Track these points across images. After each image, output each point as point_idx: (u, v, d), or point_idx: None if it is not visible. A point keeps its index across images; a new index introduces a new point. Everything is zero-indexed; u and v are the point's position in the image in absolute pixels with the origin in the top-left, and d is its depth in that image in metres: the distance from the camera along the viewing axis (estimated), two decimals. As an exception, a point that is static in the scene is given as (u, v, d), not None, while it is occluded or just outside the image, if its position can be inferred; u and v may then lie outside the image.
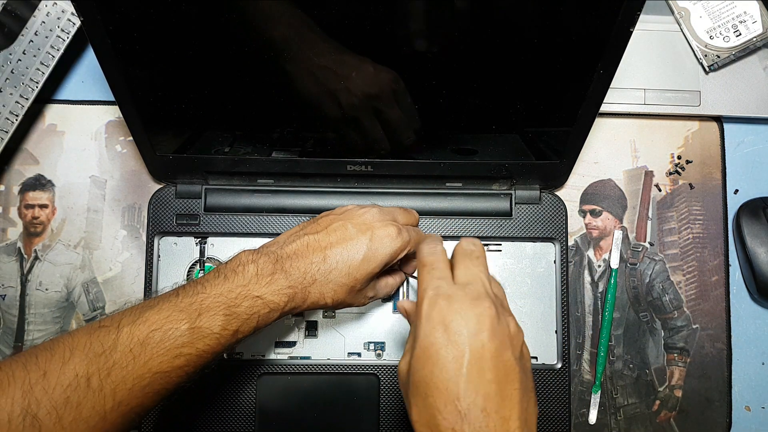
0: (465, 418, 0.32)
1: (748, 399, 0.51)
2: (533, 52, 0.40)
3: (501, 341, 0.34)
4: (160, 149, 0.47)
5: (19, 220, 0.52)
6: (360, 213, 0.43)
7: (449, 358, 0.33)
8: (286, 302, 0.39)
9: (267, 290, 0.39)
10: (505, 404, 0.33)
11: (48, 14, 0.48)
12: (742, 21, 0.51)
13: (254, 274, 0.39)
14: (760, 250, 0.50)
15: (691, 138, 0.53)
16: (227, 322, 0.37)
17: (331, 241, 0.41)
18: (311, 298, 0.40)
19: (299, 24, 0.38)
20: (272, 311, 0.39)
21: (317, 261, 0.40)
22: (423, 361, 0.34)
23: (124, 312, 0.37)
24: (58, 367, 0.33)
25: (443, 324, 0.34)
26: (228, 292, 0.38)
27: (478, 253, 0.39)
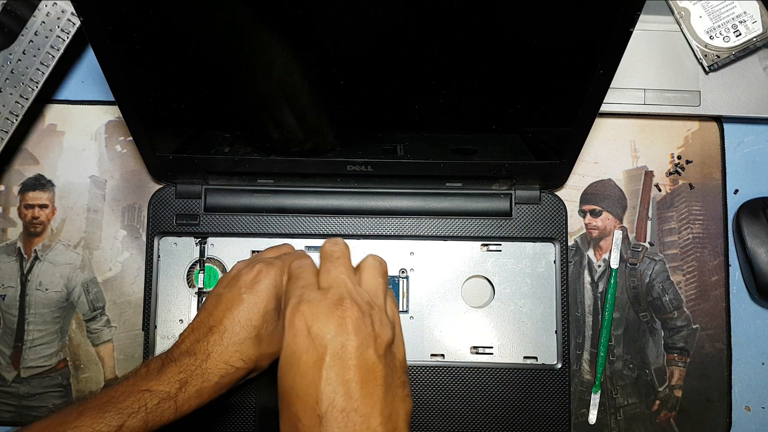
0: (323, 420, 0.32)
1: (748, 399, 0.51)
2: (533, 52, 0.40)
3: (362, 340, 0.34)
4: (160, 149, 0.47)
5: (19, 220, 0.52)
6: (225, 277, 0.43)
7: (309, 363, 0.34)
8: (180, 387, 0.38)
9: (155, 382, 0.37)
10: (366, 402, 0.33)
11: (48, 14, 0.48)
12: (742, 21, 0.51)
13: (144, 373, 0.38)
14: (760, 250, 0.50)
15: (691, 138, 0.53)
16: (110, 419, 0.35)
17: (210, 311, 0.41)
18: (215, 371, 0.39)
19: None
20: (163, 401, 0.37)
21: (203, 337, 0.39)
22: (286, 369, 0.35)
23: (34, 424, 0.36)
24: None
25: (305, 330, 0.35)
26: (113, 392, 0.37)
27: (338, 253, 0.40)
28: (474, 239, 0.51)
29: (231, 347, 0.39)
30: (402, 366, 0.37)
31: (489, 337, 0.50)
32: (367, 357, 0.34)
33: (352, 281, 0.38)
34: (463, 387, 0.49)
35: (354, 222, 0.50)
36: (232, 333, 0.39)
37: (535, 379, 0.49)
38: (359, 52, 0.40)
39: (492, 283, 0.50)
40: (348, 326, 0.35)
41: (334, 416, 0.32)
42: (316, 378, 0.33)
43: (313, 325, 0.35)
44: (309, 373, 0.34)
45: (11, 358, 0.50)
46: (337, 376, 0.33)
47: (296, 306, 0.36)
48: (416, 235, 0.50)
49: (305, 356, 0.34)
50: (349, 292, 0.37)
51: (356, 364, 0.34)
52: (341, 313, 0.35)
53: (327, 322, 0.35)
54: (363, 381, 0.34)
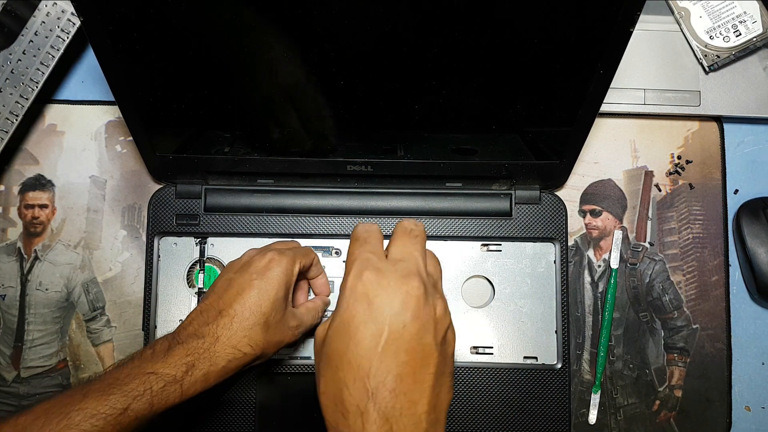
0: (372, 396, 0.32)
1: (748, 399, 0.51)
2: (533, 52, 0.40)
3: (423, 324, 0.33)
4: (160, 149, 0.47)
5: (19, 220, 0.52)
6: (237, 262, 0.43)
7: (367, 334, 0.33)
8: (186, 371, 0.37)
9: (161, 365, 0.37)
10: (416, 388, 0.32)
11: (48, 14, 0.48)
12: (742, 21, 0.51)
13: (150, 355, 0.38)
14: (760, 250, 0.50)
15: (691, 138, 0.53)
16: (115, 401, 0.35)
17: (221, 296, 0.41)
18: (223, 355, 0.39)
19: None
20: (169, 384, 0.37)
21: (212, 320, 0.39)
22: (340, 333, 0.33)
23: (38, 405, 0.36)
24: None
25: (367, 298, 0.34)
26: (118, 374, 0.37)
27: (417, 232, 0.39)
28: (474, 239, 0.51)
29: (240, 332, 0.39)
30: (453, 355, 0.36)
31: (489, 337, 0.50)
32: (425, 342, 0.33)
33: (424, 262, 0.37)
34: (463, 387, 0.49)
35: (354, 222, 0.50)
36: (242, 318, 0.39)
37: (535, 379, 0.49)
38: (359, 51, 0.40)
39: (492, 283, 0.50)
40: (412, 305, 0.33)
41: (383, 395, 0.32)
42: (371, 351, 0.32)
43: (377, 297, 0.34)
44: (365, 345, 0.33)
45: (11, 358, 0.50)
46: (394, 356, 0.32)
47: (361, 271, 0.35)
48: (416, 235, 0.50)
49: (363, 326, 0.33)
50: (419, 270, 0.35)
51: (414, 348, 0.33)
52: (408, 290, 0.34)
53: (392, 297, 0.33)
54: (417, 366, 0.33)
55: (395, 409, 0.32)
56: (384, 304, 0.33)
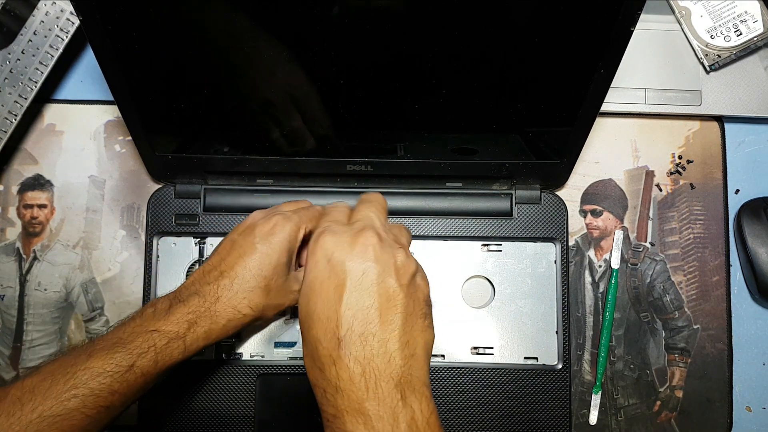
0: (342, 343, 0.33)
1: (749, 399, 0.51)
2: (534, 52, 0.40)
3: (383, 269, 0.35)
4: (159, 149, 0.47)
5: (18, 220, 0.52)
6: (243, 224, 0.44)
7: (331, 288, 0.35)
8: (188, 328, 0.38)
9: (163, 323, 0.38)
10: (384, 327, 0.34)
11: (47, 14, 0.48)
12: (743, 20, 0.51)
13: (151, 314, 0.39)
14: (761, 250, 0.50)
15: (691, 138, 0.53)
16: (120, 359, 0.36)
17: (223, 257, 0.41)
18: (223, 314, 0.40)
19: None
20: (172, 340, 0.38)
21: (214, 280, 0.40)
22: (308, 295, 0.35)
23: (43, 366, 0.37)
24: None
25: (326, 257, 0.36)
26: (121, 333, 0.38)
27: (373, 198, 0.41)
28: (474, 239, 0.51)
29: (240, 293, 0.40)
30: (425, 299, 0.37)
31: (489, 337, 0.50)
32: (387, 285, 0.35)
33: (381, 221, 0.39)
34: (464, 388, 0.49)
35: (354, 222, 0.50)
36: (242, 280, 0.40)
37: (535, 379, 0.49)
38: (359, 51, 0.40)
39: (492, 284, 0.50)
40: (369, 253, 0.35)
41: (353, 340, 0.33)
42: (336, 303, 0.34)
43: (334, 253, 0.35)
44: (330, 298, 0.34)
45: (10, 358, 0.50)
46: (357, 302, 0.34)
47: (320, 236, 0.37)
48: (416, 235, 0.50)
49: (327, 282, 0.35)
50: (373, 225, 0.37)
51: (376, 291, 0.35)
52: (363, 241, 0.36)
53: (349, 250, 0.35)
54: (382, 308, 0.34)
55: (366, 350, 0.33)
56: (342, 257, 0.35)
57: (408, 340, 0.34)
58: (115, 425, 0.50)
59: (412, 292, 0.36)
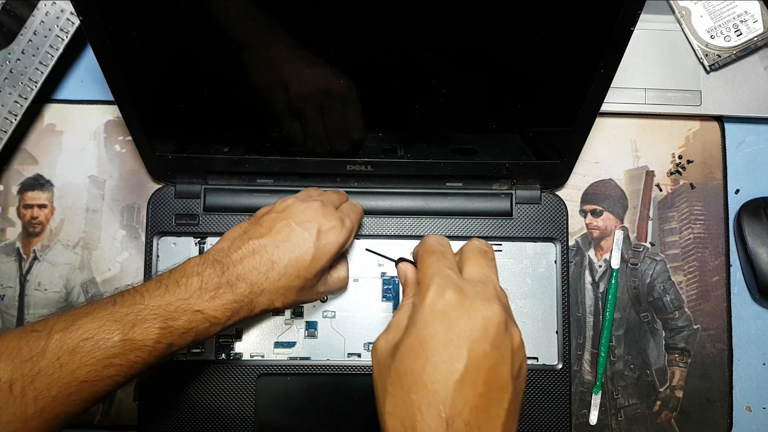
0: (448, 426, 0.30)
1: (749, 399, 0.51)
2: (534, 52, 0.40)
3: (502, 354, 0.32)
4: (159, 149, 0.47)
5: (18, 220, 0.52)
6: (302, 209, 0.42)
7: (446, 357, 0.31)
8: (230, 316, 0.38)
9: (209, 305, 0.37)
10: (490, 423, 0.31)
11: (47, 14, 0.48)
12: (743, 20, 0.51)
13: (197, 288, 0.38)
14: (761, 251, 0.50)
15: (692, 138, 0.53)
16: (162, 335, 0.36)
17: (277, 244, 0.40)
18: (259, 306, 0.40)
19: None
20: (213, 326, 0.38)
21: (264, 269, 0.39)
22: (416, 352, 0.32)
23: (59, 317, 0.35)
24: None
25: (447, 319, 0.32)
26: (167, 305, 0.37)
27: (491, 254, 0.38)
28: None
29: (281, 290, 0.40)
30: (523, 390, 0.34)
31: (489, 337, 0.50)
32: (501, 374, 0.32)
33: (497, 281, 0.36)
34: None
35: (354, 222, 0.50)
36: (288, 278, 0.40)
37: (535, 379, 0.49)
38: (359, 51, 0.40)
39: (492, 284, 0.50)
40: (492, 332, 0.32)
41: (459, 427, 0.30)
42: (450, 378, 0.30)
43: (459, 318, 0.32)
44: (442, 369, 0.31)
45: (10, 358, 0.50)
46: (471, 386, 0.31)
47: (443, 287, 0.33)
48: (416, 235, 0.50)
49: (443, 348, 0.31)
50: (498, 296, 0.34)
51: (491, 379, 0.31)
52: (491, 315, 0.32)
53: (474, 321, 0.32)
54: (493, 400, 0.31)
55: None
56: (465, 328, 0.31)
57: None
58: (115, 425, 0.50)
59: (518, 383, 0.33)
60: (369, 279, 0.50)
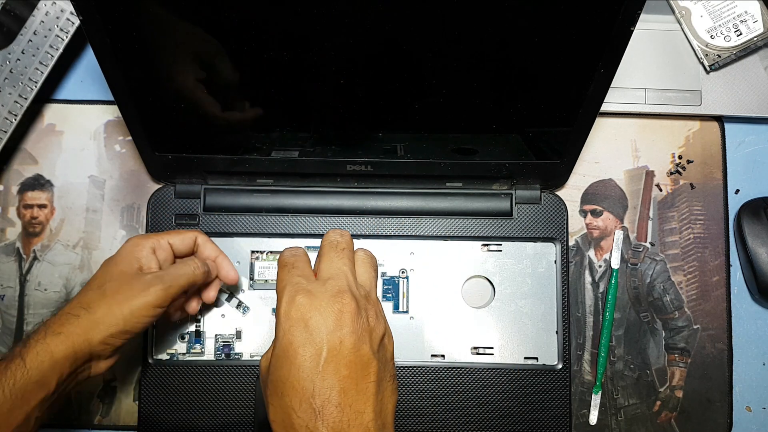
0: (319, 414, 0.33)
1: (749, 399, 0.51)
2: (534, 51, 0.40)
3: (359, 336, 0.35)
4: (159, 149, 0.47)
5: (18, 220, 0.52)
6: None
7: (307, 356, 0.34)
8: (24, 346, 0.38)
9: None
10: (360, 398, 0.34)
11: (47, 14, 0.48)
12: (743, 20, 0.51)
13: None
14: (761, 251, 0.50)
15: (692, 138, 0.53)
16: None
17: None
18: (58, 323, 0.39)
19: None
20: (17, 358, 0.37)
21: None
22: (282, 360, 0.34)
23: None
24: None
25: (302, 321, 0.35)
26: None
27: (344, 245, 0.40)
28: (474, 239, 0.51)
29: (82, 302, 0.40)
30: (392, 358, 0.38)
31: (489, 337, 0.50)
32: (362, 353, 0.35)
33: (353, 275, 0.38)
34: (464, 388, 0.49)
35: (354, 222, 0.50)
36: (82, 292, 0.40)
37: (535, 379, 0.49)
38: (359, 51, 0.40)
39: (492, 284, 0.50)
40: (346, 321, 0.35)
41: (330, 411, 0.33)
42: (312, 372, 0.34)
43: (311, 318, 0.35)
44: (306, 367, 0.34)
45: (10, 358, 0.50)
46: (335, 372, 0.34)
47: (293, 296, 0.36)
48: (416, 235, 0.50)
49: (302, 349, 0.34)
50: (349, 285, 0.37)
51: (353, 360, 0.34)
52: (340, 307, 0.35)
53: (326, 316, 0.35)
54: (358, 377, 0.34)
55: (342, 422, 0.33)
56: (319, 325, 0.34)
57: (381, 409, 0.35)
58: (115, 425, 0.50)
59: (382, 356, 0.36)
60: (369, 279, 0.50)
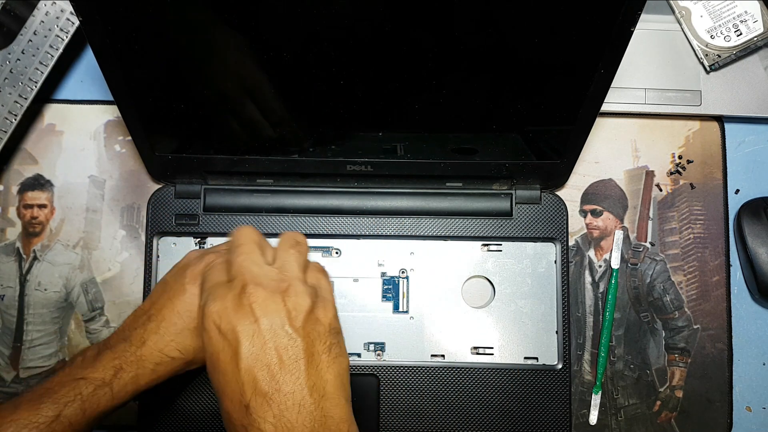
0: (249, 408, 0.33)
1: (749, 399, 0.51)
2: (534, 51, 0.40)
3: (272, 320, 0.34)
4: (159, 149, 0.47)
5: (18, 220, 0.52)
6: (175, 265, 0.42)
7: (227, 360, 0.34)
8: (115, 374, 0.37)
9: (90, 370, 0.37)
10: (288, 378, 0.33)
11: (47, 14, 0.48)
12: (743, 20, 0.51)
13: (80, 362, 0.38)
14: (761, 250, 0.50)
15: (692, 138, 0.53)
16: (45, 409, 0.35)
17: (154, 299, 0.40)
18: (150, 359, 0.38)
19: None
20: (98, 387, 0.37)
21: (141, 324, 0.39)
22: (211, 372, 0.35)
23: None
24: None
25: (216, 327, 0.35)
26: (49, 383, 0.37)
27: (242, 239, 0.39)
28: (474, 239, 0.50)
29: (167, 336, 0.39)
30: (329, 329, 0.36)
31: (489, 337, 0.50)
32: (281, 335, 0.34)
33: (257, 263, 0.37)
34: (464, 388, 0.49)
35: (354, 222, 0.50)
36: (169, 323, 0.39)
37: (535, 379, 0.49)
38: (359, 51, 0.40)
39: (492, 284, 0.50)
40: (256, 311, 0.34)
41: (258, 402, 0.33)
42: (234, 371, 0.33)
43: (222, 322, 0.34)
44: (228, 369, 0.34)
45: (10, 358, 0.50)
46: (256, 363, 0.33)
47: (203, 307, 0.36)
48: (416, 235, 0.50)
49: (222, 354, 0.34)
50: (252, 277, 0.36)
51: (272, 346, 0.34)
52: (245, 300, 0.35)
53: (234, 314, 0.34)
54: (282, 360, 0.34)
55: (273, 408, 0.33)
56: (231, 324, 0.34)
57: (315, 383, 0.34)
58: (115, 425, 0.50)
59: (310, 330, 0.35)
60: (369, 279, 0.50)
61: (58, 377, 0.37)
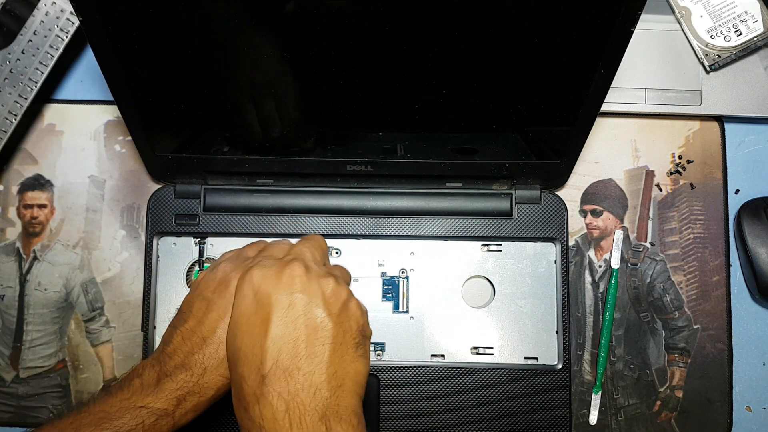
0: (265, 379, 0.32)
1: (749, 399, 0.51)
2: (534, 51, 0.40)
3: (310, 299, 0.35)
4: (159, 149, 0.47)
5: (18, 220, 0.52)
6: (210, 277, 0.40)
7: (257, 323, 0.34)
8: (177, 404, 0.37)
9: (152, 399, 0.36)
10: (311, 360, 0.33)
11: (47, 14, 0.48)
12: (743, 20, 0.51)
13: (139, 387, 0.37)
14: (761, 250, 0.50)
15: (692, 138, 0.53)
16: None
17: (200, 318, 0.39)
18: (212, 385, 0.37)
19: None
20: (161, 417, 0.36)
21: (196, 348, 0.38)
22: (234, 332, 0.35)
23: None
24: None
25: (253, 290, 0.35)
26: (109, 407, 0.36)
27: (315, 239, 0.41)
28: (474, 239, 0.51)
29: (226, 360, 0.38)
30: (359, 328, 0.37)
31: (489, 337, 0.50)
32: (314, 315, 0.34)
33: (313, 256, 0.38)
34: (464, 388, 0.49)
35: (354, 222, 0.50)
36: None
37: (535, 379, 0.49)
38: (359, 51, 0.40)
39: (492, 284, 0.50)
40: (296, 284, 0.35)
41: (277, 375, 0.32)
42: (261, 338, 0.33)
43: (261, 286, 0.35)
44: (255, 333, 0.34)
45: (10, 358, 0.50)
46: (283, 335, 0.33)
47: (246, 271, 0.36)
48: (416, 235, 0.50)
49: (253, 317, 0.34)
50: (303, 258, 0.37)
51: (303, 322, 0.34)
52: (290, 272, 0.35)
53: (275, 282, 0.35)
54: (309, 339, 0.34)
55: (290, 385, 0.32)
56: (268, 290, 0.34)
57: (336, 371, 0.34)
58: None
59: (343, 321, 0.35)
60: (369, 279, 0.50)
61: (117, 401, 0.36)
